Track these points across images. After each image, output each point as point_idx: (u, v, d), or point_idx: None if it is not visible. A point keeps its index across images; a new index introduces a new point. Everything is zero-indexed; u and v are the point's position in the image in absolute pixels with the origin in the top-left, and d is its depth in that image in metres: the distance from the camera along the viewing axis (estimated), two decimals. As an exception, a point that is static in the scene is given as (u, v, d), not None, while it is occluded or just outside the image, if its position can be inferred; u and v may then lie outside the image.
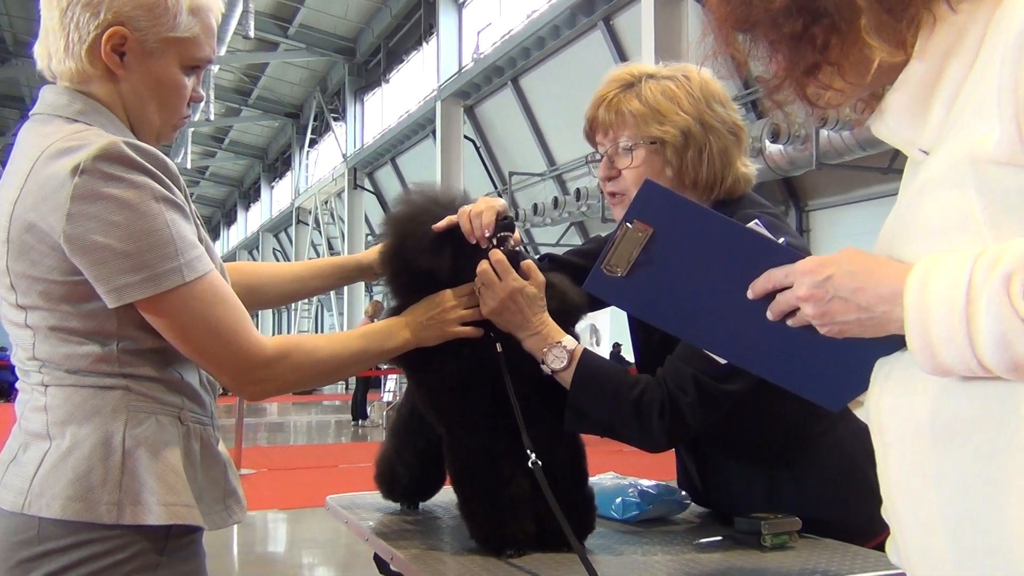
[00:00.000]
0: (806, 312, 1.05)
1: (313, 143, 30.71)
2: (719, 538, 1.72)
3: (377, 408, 14.69)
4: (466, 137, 19.78)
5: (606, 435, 1.69)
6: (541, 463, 1.56)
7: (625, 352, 14.50)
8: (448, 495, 1.85)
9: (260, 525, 6.96)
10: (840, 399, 1.18)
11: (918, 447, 0.98)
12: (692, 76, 1.78)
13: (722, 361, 1.52)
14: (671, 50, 11.33)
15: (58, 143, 1.29)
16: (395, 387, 13.86)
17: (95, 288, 1.27)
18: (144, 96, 1.41)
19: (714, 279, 1.16)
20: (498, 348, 1.65)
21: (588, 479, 1.75)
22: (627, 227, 1.17)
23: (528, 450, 1.57)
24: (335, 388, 23.56)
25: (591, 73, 1.85)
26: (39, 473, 1.29)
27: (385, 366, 1.74)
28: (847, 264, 1.02)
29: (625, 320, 1.94)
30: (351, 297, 25.37)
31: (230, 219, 45.45)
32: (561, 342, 1.64)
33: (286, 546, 6.65)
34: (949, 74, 1.00)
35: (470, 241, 1.63)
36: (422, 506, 2.08)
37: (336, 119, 27.86)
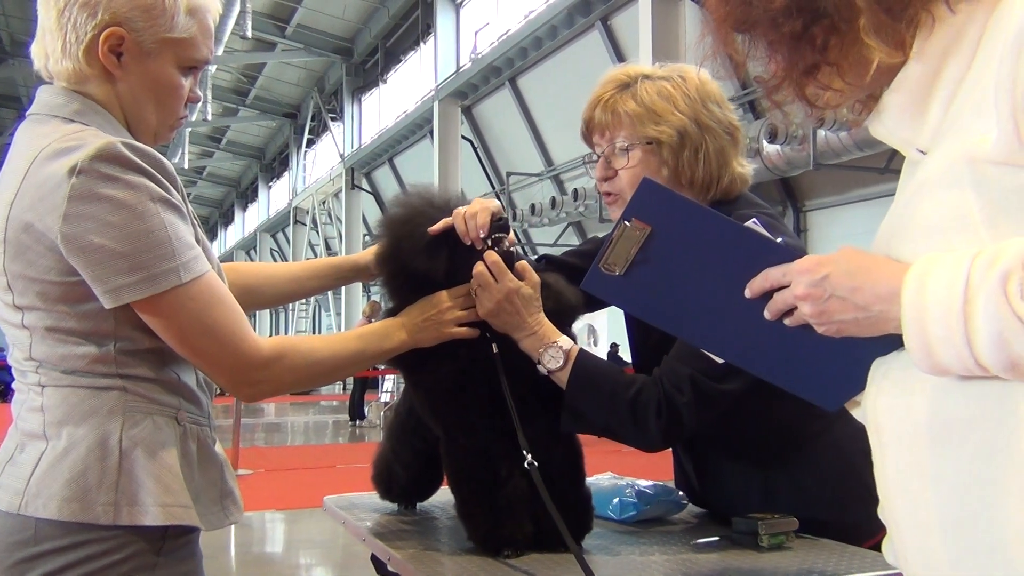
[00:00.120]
0: (803, 311, 1.05)
1: (311, 143, 30.70)
2: (716, 538, 1.73)
3: (375, 409, 14.68)
4: (464, 137, 19.79)
5: (603, 435, 1.69)
6: (538, 463, 1.56)
7: (623, 353, 14.49)
8: (445, 495, 1.85)
9: (257, 526, 6.95)
10: (837, 399, 1.18)
11: (915, 447, 0.98)
12: (688, 76, 1.78)
13: (719, 360, 1.52)
14: (668, 50, 11.35)
15: (55, 143, 1.29)
16: (393, 388, 13.84)
17: (92, 288, 1.27)
18: (141, 97, 1.41)
19: (712, 278, 1.16)
20: (494, 349, 1.65)
21: (585, 479, 1.75)
22: (625, 225, 1.17)
23: (524, 451, 1.57)
24: (332, 388, 23.54)
25: (589, 73, 1.86)
26: (35, 474, 1.29)
27: (382, 367, 1.74)
28: (845, 263, 1.02)
29: (623, 321, 1.94)
30: (348, 298, 25.38)
31: (227, 219, 45.43)
32: (557, 342, 1.64)
33: (283, 547, 6.65)
34: (947, 74, 1.00)
35: (465, 242, 1.63)
36: (419, 506, 2.08)
37: (334, 119, 27.85)
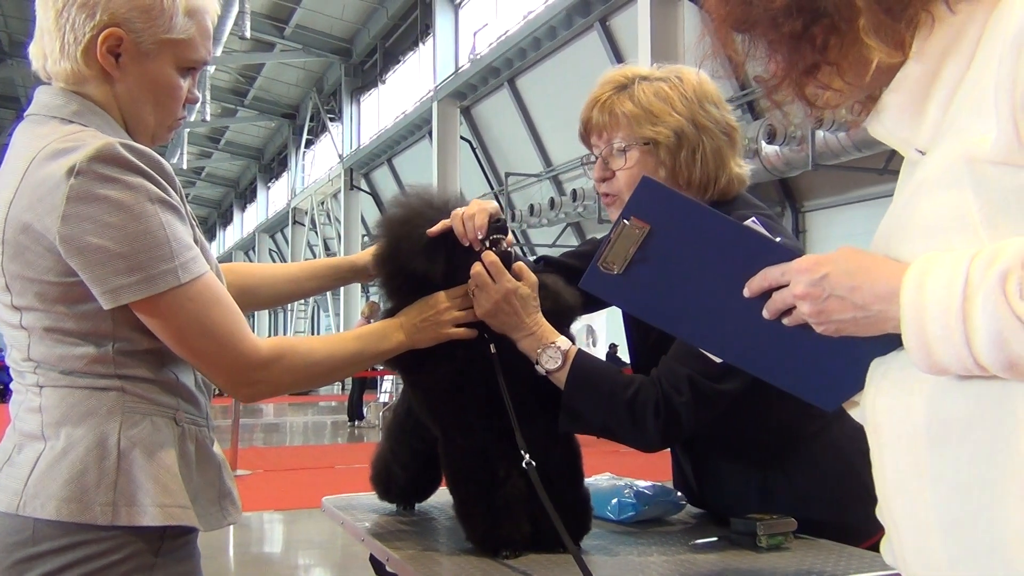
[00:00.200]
0: (802, 310, 1.05)
1: (309, 144, 30.71)
2: (715, 539, 1.72)
3: (373, 409, 14.68)
4: (462, 138, 19.80)
5: (601, 435, 1.69)
6: (536, 464, 1.56)
7: (621, 353, 14.50)
8: (444, 496, 1.85)
9: (256, 526, 6.95)
10: (835, 399, 1.18)
11: (914, 447, 0.98)
12: (685, 77, 1.78)
13: (717, 360, 1.52)
14: (667, 51, 11.36)
15: (54, 144, 1.29)
16: (391, 388, 13.85)
17: (90, 289, 1.27)
18: (139, 97, 1.40)
19: (711, 277, 1.15)
20: (492, 349, 1.65)
21: (584, 480, 1.75)
22: (624, 224, 1.17)
23: (522, 450, 1.57)
24: (331, 389, 23.55)
25: (587, 74, 1.86)
26: (34, 474, 1.28)
27: (380, 367, 1.74)
28: (844, 263, 1.02)
29: (622, 321, 1.94)
30: (347, 298, 25.38)
31: (226, 220, 45.42)
32: (555, 343, 1.64)
33: (282, 547, 6.64)
34: (946, 74, 1.00)
35: (463, 244, 1.63)
36: (418, 507, 2.07)
37: (332, 120, 27.86)
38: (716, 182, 1.77)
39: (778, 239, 1.18)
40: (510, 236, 1.68)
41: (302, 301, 28.62)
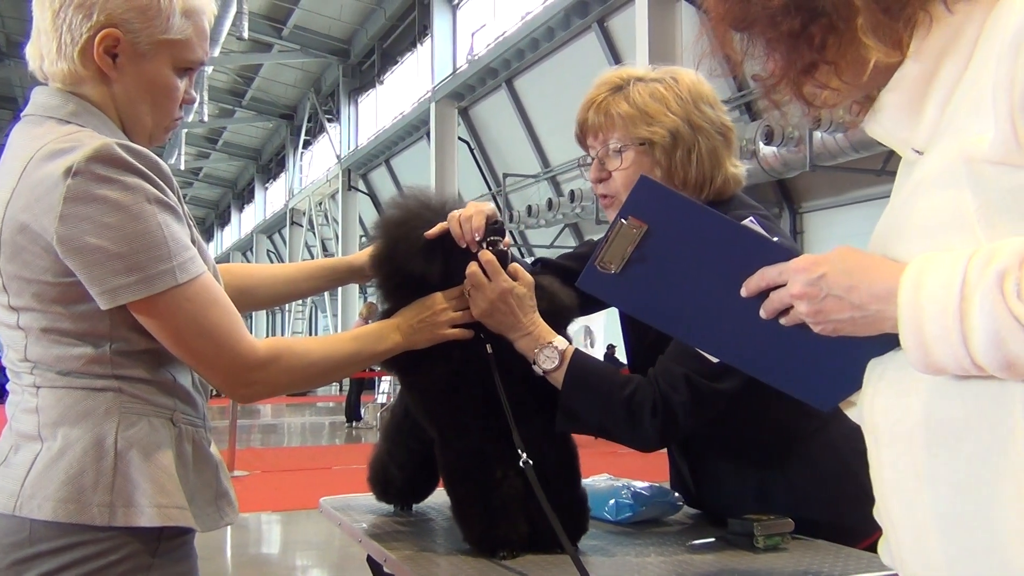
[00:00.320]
0: (799, 310, 1.05)
1: (307, 144, 30.71)
2: (712, 540, 1.73)
3: (371, 410, 14.67)
4: (460, 139, 19.80)
5: (598, 435, 1.69)
6: (533, 464, 1.56)
7: (619, 354, 14.50)
8: (441, 497, 1.85)
9: (254, 527, 6.94)
10: (832, 399, 1.18)
11: (911, 448, 0.98)
12: (681, 78, 1.79)
13: (714, 360, 1.52)
14: (665, 52, 11.37)
15: (51, 144, 1.28)
16: (389, 389, 13.83)
17: (88, 289, 1.27)
18: (136, 98, 1.40)
19: (708, 277, 1.15)
20: (488, 349, 1.65)
21: (581, 480, 1.75)
22: (622, 223, 1.17)
23: (519, 450, 1.57)
24: (329, 390, 23.54)
25: (585, 75, 1.86)
26: (30, 475, 1.28)
27: (378, 368, 1.74)
28: (841, 262, 1.02)
29: (619, 322, 1.94)
30: (345, 299, 25.37)
31: (224, 220, 45.41)
32: (552, 342, 1.65)
33: (279, 548, 6.64)
34: (943, 74, 1.00)
35: (461, 245, 1.63)
36: (415, 508, 2.07)
37: (330, 120, 27.87)
38: (712, 182, 1.77)
39: (775, 239, 1.18)
40: (507, 238, 1.68)
41: (300, 302, 28.73)
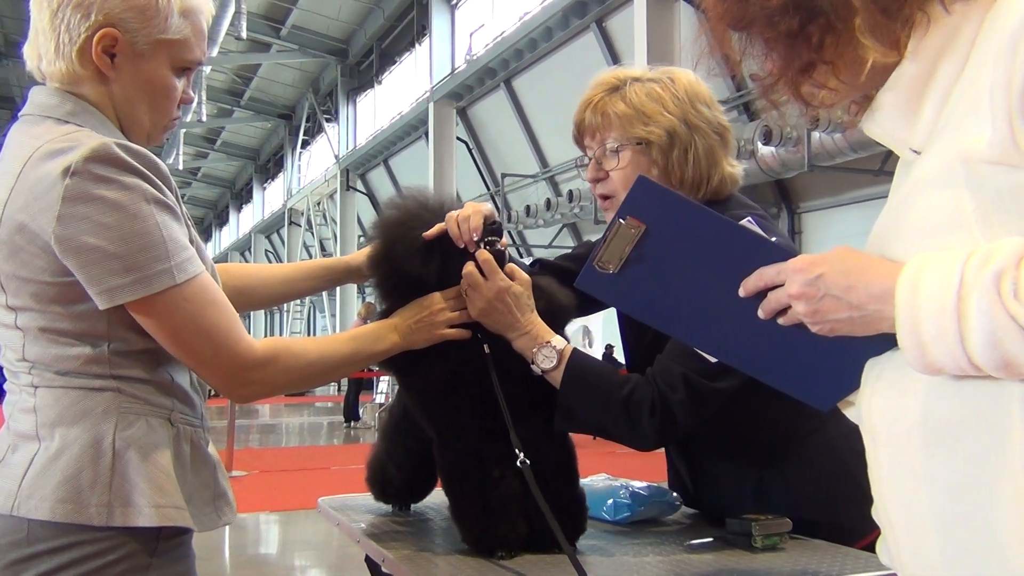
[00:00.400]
0: (797, 310, 1.05)
1: (305, 144, 30.70)
2: (710, 539, 1.73)
3: (369, 410, 14.67)
4: (459, 139, 19.80)
5: (597, 434, 1.69)
6: (531, 464, 1.56)
7: (617, 354, 14.50)
8: (440, 497, 1.85)
9: (252, 527, 6.94)
10: (830, 399, 1.18)
11: (909, 448, 0.98)
12: (677, 78, 1.79)
13: (712, 360, 1.53)
14: (663, 52, 11.36)
15: (49, 144, 1.28)
16: (387, 389, 13.83)
17: (86, 289, 1.27)
18: (134, 98, 1.40)
19: (706, 276, 1.15)
20: (486, 349, 1.65)
21: (579, 480, 1.75)
22: (620, 223, 1.17)
23: (516, 449, 1.57)
24: (327, 390, 23.54)
25: (584, 75, 1.86)
26: (28, 475, 1.28)
27: (376, 368, 1.74)
28: (839, 262, 1.02)
29: (617, 322, 1.94)
30: (344, 299, 25.36)
31: (222, 220, 45.38)
32: (550, 342, 1.65)
33: (278, 548, 6.64)
34: (941, 74, 1.00)
35: (458, 245, 1.63)
36: (414, 508, 2.07)
37: (328, 120, 27.85)
38: (709, 181, 1.78)
39: (773, 239, 1.19)
40: (505, 238, 1.68)
41: (298, 302, 28.72)
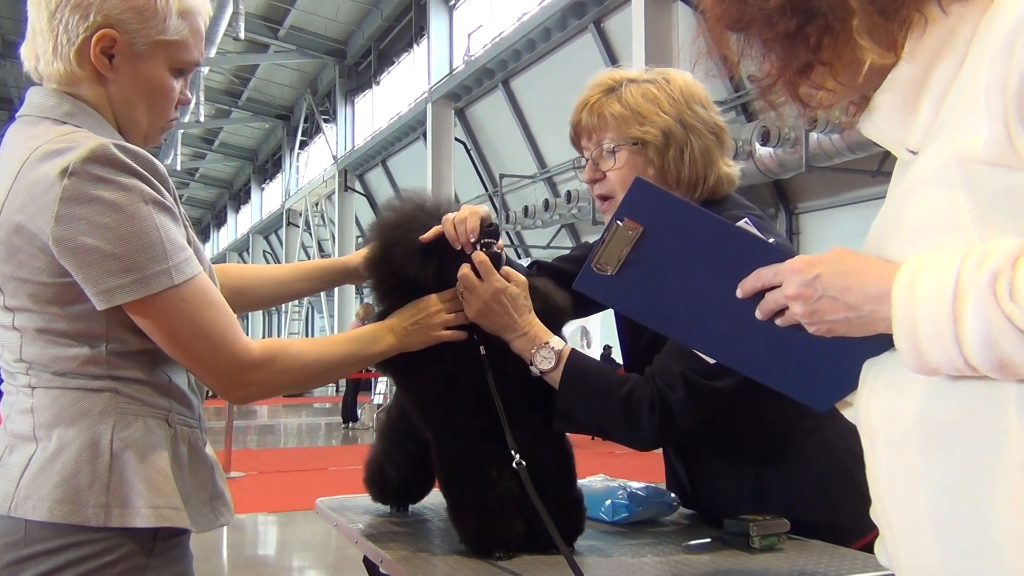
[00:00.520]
0: (795, 311, 1.06)
1: (303, 145, 30.69)
2: (708, 540, 1.73)
3: (367, 411, 14.67)
4: (457, 139, 19.79)
5: (596, 435, 1.69)
6: (528, 465, 1.56)
7: (615, 355, 14.51)
8: (438, 498, 1.85)
9: (250, 528, 6.94)
10: (827, 399, 1.18)
11: (906, 448, 0.99)
12: (673, 79, 1.80)
13: (711, 360, 1.53)
14: (661, 52, 11.36)
15: (47, 145, 1.28)
16: (385, 389, 13.83)
17: (84, 290, 1.27)
18: (132, 98, 1.40)
19: (704, 278, 1.16)
20: (482, 351, 1.65)
21: (576, 481, 1.75)
22: (617, 225, 1.17)
23: (512, 451, 1.57)
24: (325, 390, 23.51)
25: (582, 76, 1.87)
26: (25, 475, 1.28)
27: (373, 369, 1.74)
28: (836, 263, 1.02)
29: (615, 324, 1.94)
30: (342, 299, 25.36)
31: (220, 221, 45.36)
32: (548, 343, 1.65)
33: (276, 549, 6.63)
34: (937, 75, 1.00)
35: (455, 247, 1.63)
36: (412, 509, 2.07)
37: (326, 121, 27.84)
38: (705, 181, 1.78)
39: (771, 240, 1.19)
40: (501, 240, 1.68)
41: (296, 303, 28.69)
